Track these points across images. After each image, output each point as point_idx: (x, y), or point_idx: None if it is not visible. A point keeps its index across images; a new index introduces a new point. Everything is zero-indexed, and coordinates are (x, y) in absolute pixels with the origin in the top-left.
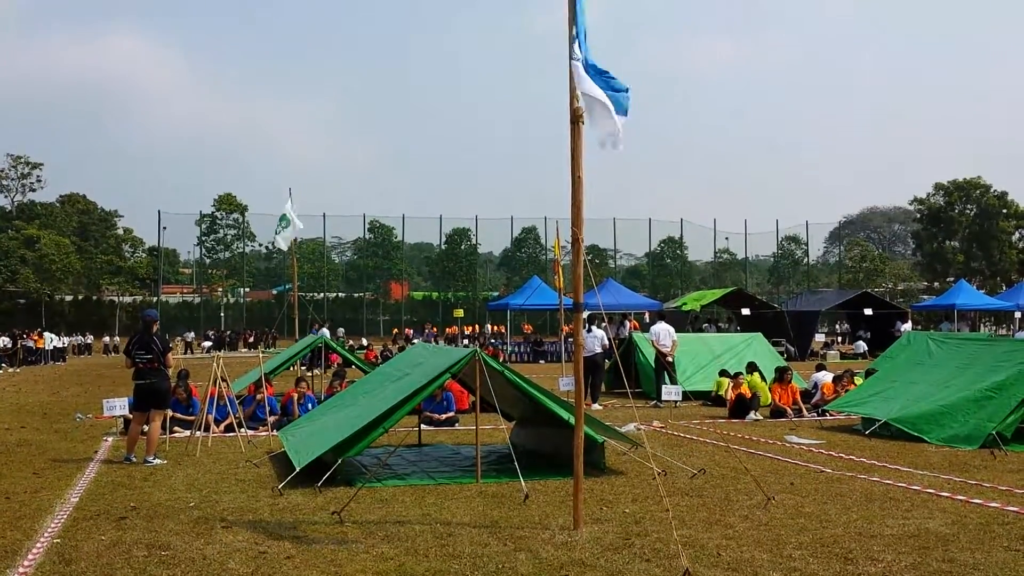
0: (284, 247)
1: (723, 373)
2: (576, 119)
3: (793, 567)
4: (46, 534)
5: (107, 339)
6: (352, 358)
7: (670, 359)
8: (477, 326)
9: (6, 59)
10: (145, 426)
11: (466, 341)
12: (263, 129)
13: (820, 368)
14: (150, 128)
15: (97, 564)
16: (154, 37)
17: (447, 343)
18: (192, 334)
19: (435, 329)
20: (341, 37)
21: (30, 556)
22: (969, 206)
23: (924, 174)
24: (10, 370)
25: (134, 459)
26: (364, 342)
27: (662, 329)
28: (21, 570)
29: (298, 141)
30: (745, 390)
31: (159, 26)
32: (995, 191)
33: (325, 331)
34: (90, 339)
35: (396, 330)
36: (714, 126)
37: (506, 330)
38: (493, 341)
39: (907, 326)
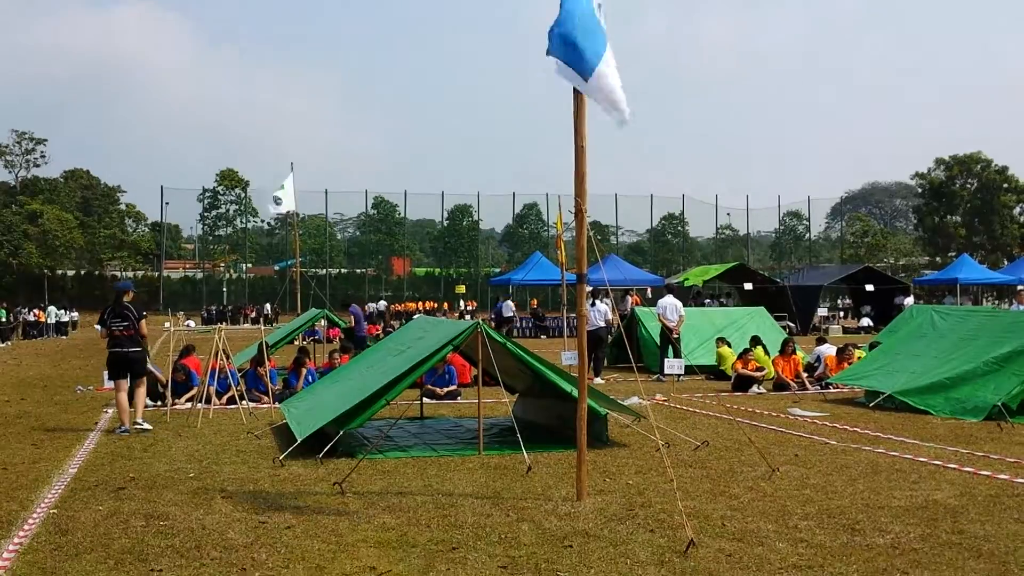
0: (274, 212)
1: (721, 340)
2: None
3: (800, 538)
4: (43, 505)
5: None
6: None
7: (676, 335)
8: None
9: (11, 36)
10: (125, 394)
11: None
12: (266, 105)
13: (821, 341)
14: (154, 103)
15: (94, 534)
16: (159, 12)
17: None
18: (192, 322)
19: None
20: (345, 14)
21: (26, 526)
22: (970, 180)
23: (925, 149)
24: (2, 345)
25: (129, 429)
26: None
27: (669, 303)
28: (17, 540)
29: (301, 117)
30: (752, 367)
31: (164, 2)
32: (996, 166)
33: (510, 303)
34: (76, 315)
35: (402, 306)
36: (716, 102)
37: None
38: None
39: (909, 300)
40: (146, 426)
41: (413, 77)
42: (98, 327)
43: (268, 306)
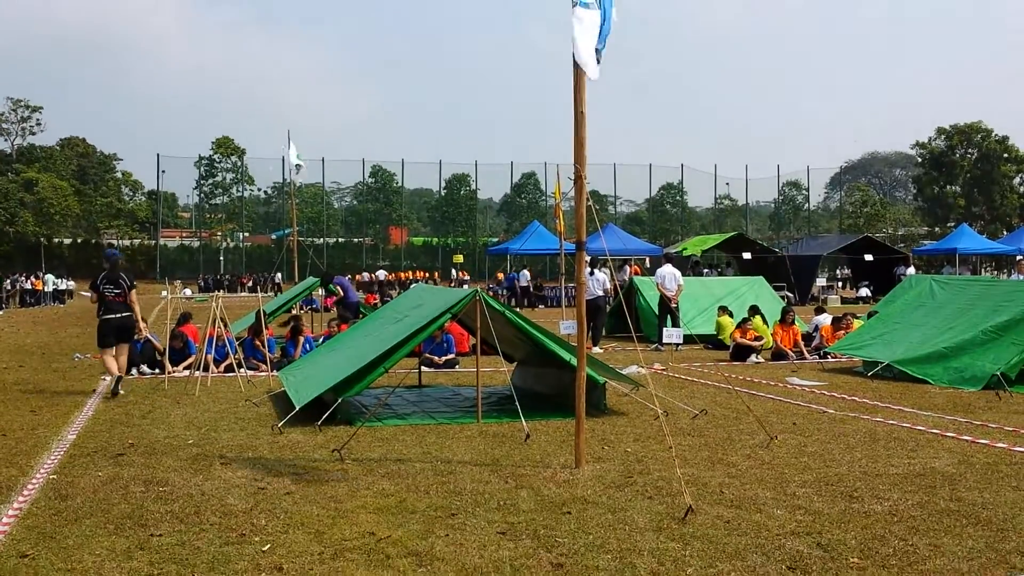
0: (298, 177)
1: (723, 310)
2: None
3: (797, 505)
4: (42, 470)
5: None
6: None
7: (674, 304)
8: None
9: (4, 3)
10: (112, 357)
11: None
12: (262, 73)
13: (820, 311)
14: (149, 71)
15: (94, 500)
16: None
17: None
18: (188, 290)
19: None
20: None
21: (26, 492)
22: (970, 150)
23: (926, 119)
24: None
25: (122, 390)
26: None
27: (668, 272)
28: (16, 505)
29: (297, 85)
30: (750, 337)
31: None
32: (996, 135)
33: (526, 272)
34: (72, 284)
35: (393, 276)
36: (716, 71)
37: (503, 275)
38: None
39: (910, 270)
40: (120, 391)
41: (411, 44)
42: (90, 292)
43: (279, 275)
